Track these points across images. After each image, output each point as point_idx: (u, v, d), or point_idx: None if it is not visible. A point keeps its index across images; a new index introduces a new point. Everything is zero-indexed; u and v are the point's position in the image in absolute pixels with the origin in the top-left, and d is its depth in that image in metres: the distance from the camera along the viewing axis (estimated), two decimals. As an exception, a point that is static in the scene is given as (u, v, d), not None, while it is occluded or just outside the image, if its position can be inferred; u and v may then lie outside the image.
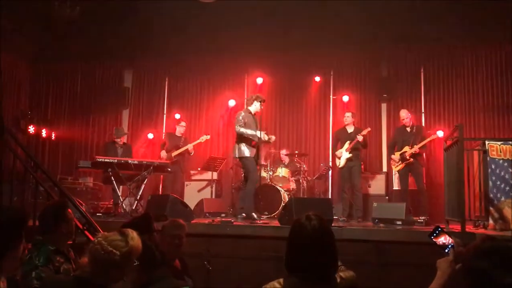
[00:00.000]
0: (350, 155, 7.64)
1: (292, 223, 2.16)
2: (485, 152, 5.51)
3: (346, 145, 7.70)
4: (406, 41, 8.89)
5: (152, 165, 7.32)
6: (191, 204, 6.97)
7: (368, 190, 8.39)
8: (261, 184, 7.22)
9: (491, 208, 5.35)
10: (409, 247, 4.89)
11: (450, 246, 2.19)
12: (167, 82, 10.43)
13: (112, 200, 7.87)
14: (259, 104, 6.64)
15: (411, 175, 7.50)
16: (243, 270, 5.13)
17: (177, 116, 9.67)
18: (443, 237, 2.24)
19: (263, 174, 7.93)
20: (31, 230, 2.75)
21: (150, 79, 10.50)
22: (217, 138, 9.87)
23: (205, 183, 8.72)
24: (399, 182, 7.75)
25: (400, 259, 4.87)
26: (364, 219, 7.40)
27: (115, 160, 7.16)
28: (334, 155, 8.02)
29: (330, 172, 9.21)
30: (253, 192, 6.44)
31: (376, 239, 5.09)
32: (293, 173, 8.44)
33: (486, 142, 5.54)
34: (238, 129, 6.44)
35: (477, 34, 8.46)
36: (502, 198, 5.32)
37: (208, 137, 8.72)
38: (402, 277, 4.72)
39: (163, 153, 8.35)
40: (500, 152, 5.44)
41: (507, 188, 5.32)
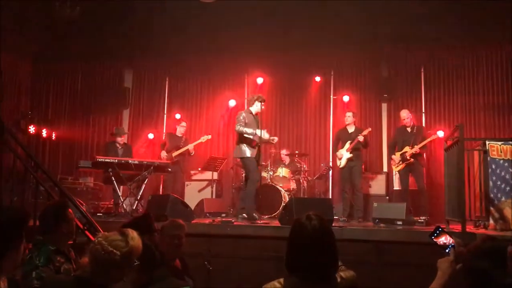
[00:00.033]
0: (351, 155, 7.64)
1: (293, 223, 2.16)
2: (486, 152, 5.51)
3: (347, 145, 7.69)
4: (407, 41, 8.88)
5: (153, 165, 7.33)
6: (192, 204, 6.97)
7: (369, 190, 8.39)
8: (262, 184, 7.23)
9: (492, 208, 5.35)
10: (410, 247, 4.89)
11: (451, 246, 2.19)
12: (168, 82, 10.43)
13: (113, 200, 7.86)
14: (260, 104, 6.64)
15: (412, 175, 7.49)
16: (244, 270, 5.13)
17: (178, 116, 9.67)
18: (444, 237, 2.24)
19: (264, 174, 7.93)
20: (32, 230, 2.75)
21: (151, 79, 10.50)
22: (218, 138, 9.86)
23: (206, 183, 8.71)
24: (400, 182, 7.74)
25: (401, 259, 4.87)
26: (365, 219, 7.39)
27: (116, 160, 7.17)
28: (335, 155, 8.02)
29: (331, 172, 9.21)
30: (254, 193, 6.45)
31: (377, 239, 5.10)
32: (294, 173, 8.44)
33: (487, 142, 5.54)
34: (238, 128, 6.44)
35: (477, 34, 8.46)
36: (503, 198, 5.32)
37: (209, 137, 8.71)
38: (403, 277, 4.72)
39: (163, 153, 8.35)
40: (501, 152, 5.44)
41: (508, 188, 5.32)
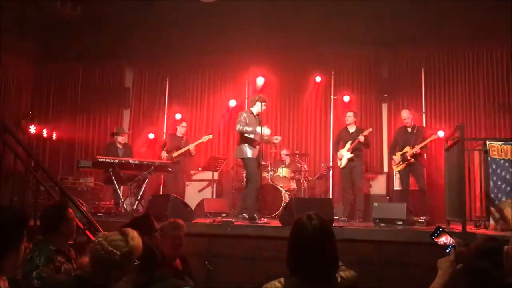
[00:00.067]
0: (352, 155, 7.64)
1: (293, 223, 2.16)
2: (486, 152, 5.51)
3: (348, 145, 7.70)
4: (407, 41, 8.87)
5: (153, 165, 7.32)
6: (192, 204, 6.97)
7: (369, 190, 8.39)
8: (262, 184, 7.22)
9: (492, 208, 5.35)
10: (410, 247, 4.88)
11: (451, 246, 2.19)
12: (168, 82, 10.43)
13: (113, 200, 7.86)
14: (261, 105, 6.63)
15: (412, 176, 7.48)
16: (244, 270, 5.13)
17: (178, 117, 9.67)
18: (444, 237, 2.24)
19: (264, 174, 7.93)
20: (32, 230, 2.75)
21: (151, 79, 10.51)
22: (218, 138, 9.86)
23: (206, 183, 8.71)
24: (400, 182, 7.74)
25: (401, 259, 4.87)
26: (365, 219, 7.39)
27: (116, 160, 7.16)
28: (335, 155, 8.01)
29: (331, 172, 9.20)
30: (255, 193, 6.44)
31: (377, 239, 5.09)
32: (294, 173, 8.44)
33: (487, 142, 5.54)
34: (239, 128, 6.44)
35: (478, 34, 8.45)
36: (503, 198, 5.32)
37: (210, 137, 8.71)
38: (403, 277, 4.71)
39: (164, 154, 8.34)
40: (501, 152, 5.43)
41: (508, 188, 5.32)
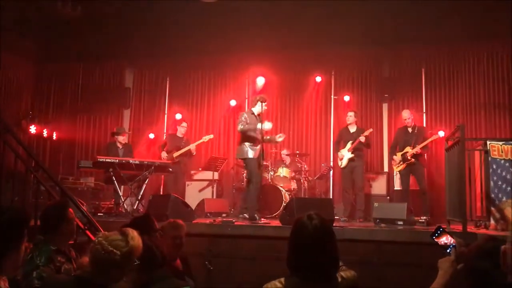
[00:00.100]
0: (352, 155, 7.64)
1: (294, 222, 2.15)
2: (487, 152, 5.50)
3: (349, 145, 7.69)
4: (407, 41, 8.87)
5: (153, 165, 7.32)
6: (192, 204, 6.97)
7: (370, 190, 8.38)
8: (262, 184, 7.22)
9: (493, 208, 5.35)
10: (410, 247, 4.88)
11: (452, 246, 2.19)
12: (168, 82, 10.43)
13: (113, 200, 7.86)
14: (263, 105, 6.63)
15: (413, 176, 7.48)
16: (244, 270, 5.12)
17: (178, 117, 9.67)
18: (445, 237, 2.24)
19: (264, 174, 7.92)
20: (33, 230, 2.75)
21: (151, 79, 10.51)
22: (218, 138, 9.86)
23: (206, 183, 8.70)
24: (400, 183, 7.73)
25: (401, 259, 4.86)
26: (365, 219, 7.38)
27: (117, 160, 7.16)
28: (336, 155, 8.01)
29: (331, 172, 9.20)
30: (256, 193, 6.44)
31: (377, 239, 5.09)
32: (294, 173, 8.44)
33: (488, 142, 5.54)
34: (240, 128, 6.44)
35: (478, 34, 8.45)
36: (504, 198, 5.31)
37: (212, 137, 8.71)
38: (403, 277, 4.71)
39: (164, 154, 8.32)
40: (502, 152, 5.43)
41: (509, 188, 5.31)
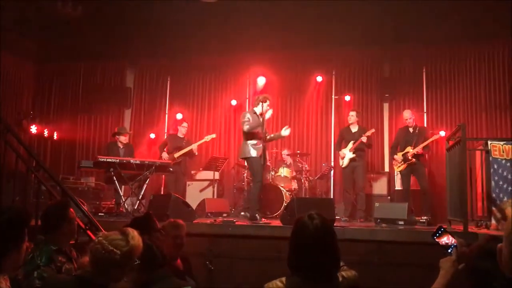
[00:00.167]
0: (354, 155, 7.64)
1: (295, 222, 2.15)
2: (488, 152, 5.49)
3: (350, 145, 7.69)
4: (408, 41, 8.86)
5: (154, 165, 7.32)
6: (193, 204, 6.96)
7: (371, 190, 8.38)
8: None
9: (494, 208, 5.32)
10: (411, 247, 4.87)
11: (453, 246, 2.18)
12: (169, 82, 10.44)
13: (114, 200, 7.86)
14: (264, 105, 6.62)
15: (414, 176, 7.48)
16: (245, 270, 5.12)
17: (179, 116, 9.67)
18: (446, 237, 2.23)
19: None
20: (34, 230, 2.75)
21: (152, 79, 10.52)
22: (219, 138, 9.86)
23: (207, 183, 8.70)
24: (401, 182, 7.73)
25: (402, 259, 4.85)
26: (366, 219, 7.38)
27: (117, 160, 7.15)
28: (337, 154, 8.00)
29: (332, 172, 9.19)
30: (258, 193, 6.44)
31: (378, 239, 5.08)
32: (295, 173, 8.43)
33: (489, 142, 5.53)
34: (246, 127, 6.41)
35: (479, 34, 8.44)
36: (505, 198, 5.29)
37: (214, 136, 8.72)
38: (404, 277, 4.71)
39: (165, 155, 8.30)
40: (503, 152, 5.42)
41: (510, 188, 5.30)
